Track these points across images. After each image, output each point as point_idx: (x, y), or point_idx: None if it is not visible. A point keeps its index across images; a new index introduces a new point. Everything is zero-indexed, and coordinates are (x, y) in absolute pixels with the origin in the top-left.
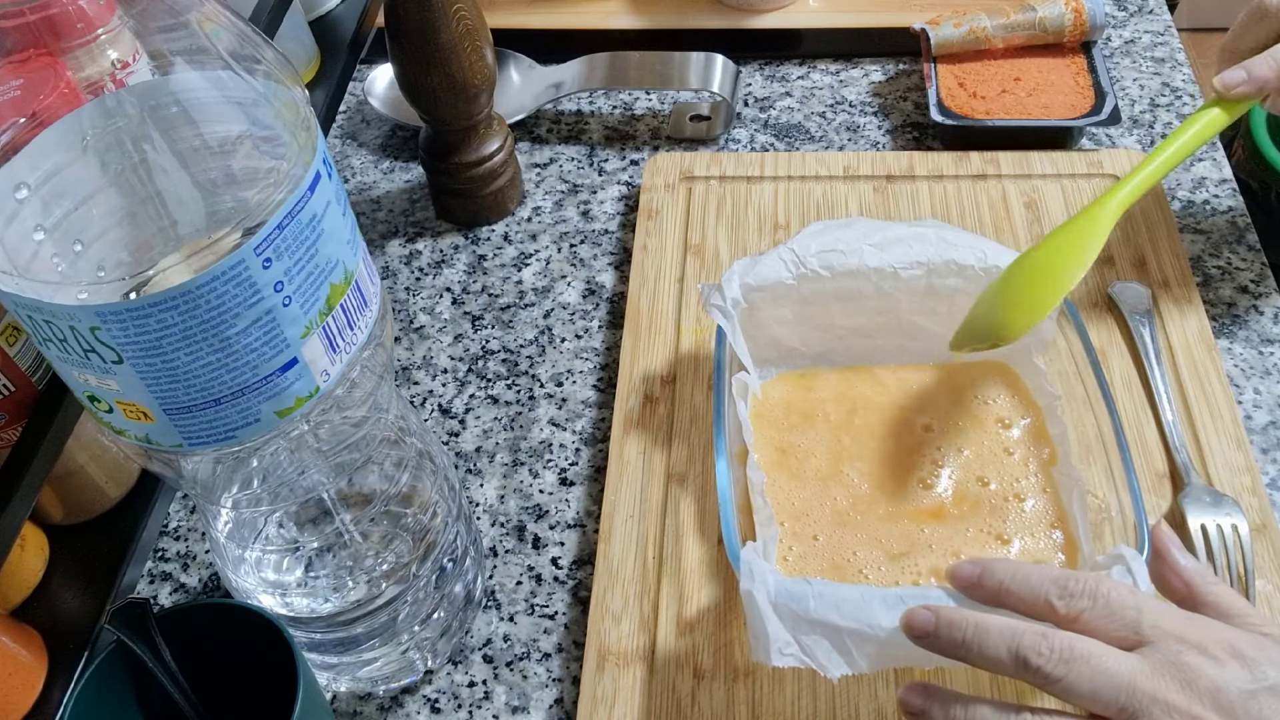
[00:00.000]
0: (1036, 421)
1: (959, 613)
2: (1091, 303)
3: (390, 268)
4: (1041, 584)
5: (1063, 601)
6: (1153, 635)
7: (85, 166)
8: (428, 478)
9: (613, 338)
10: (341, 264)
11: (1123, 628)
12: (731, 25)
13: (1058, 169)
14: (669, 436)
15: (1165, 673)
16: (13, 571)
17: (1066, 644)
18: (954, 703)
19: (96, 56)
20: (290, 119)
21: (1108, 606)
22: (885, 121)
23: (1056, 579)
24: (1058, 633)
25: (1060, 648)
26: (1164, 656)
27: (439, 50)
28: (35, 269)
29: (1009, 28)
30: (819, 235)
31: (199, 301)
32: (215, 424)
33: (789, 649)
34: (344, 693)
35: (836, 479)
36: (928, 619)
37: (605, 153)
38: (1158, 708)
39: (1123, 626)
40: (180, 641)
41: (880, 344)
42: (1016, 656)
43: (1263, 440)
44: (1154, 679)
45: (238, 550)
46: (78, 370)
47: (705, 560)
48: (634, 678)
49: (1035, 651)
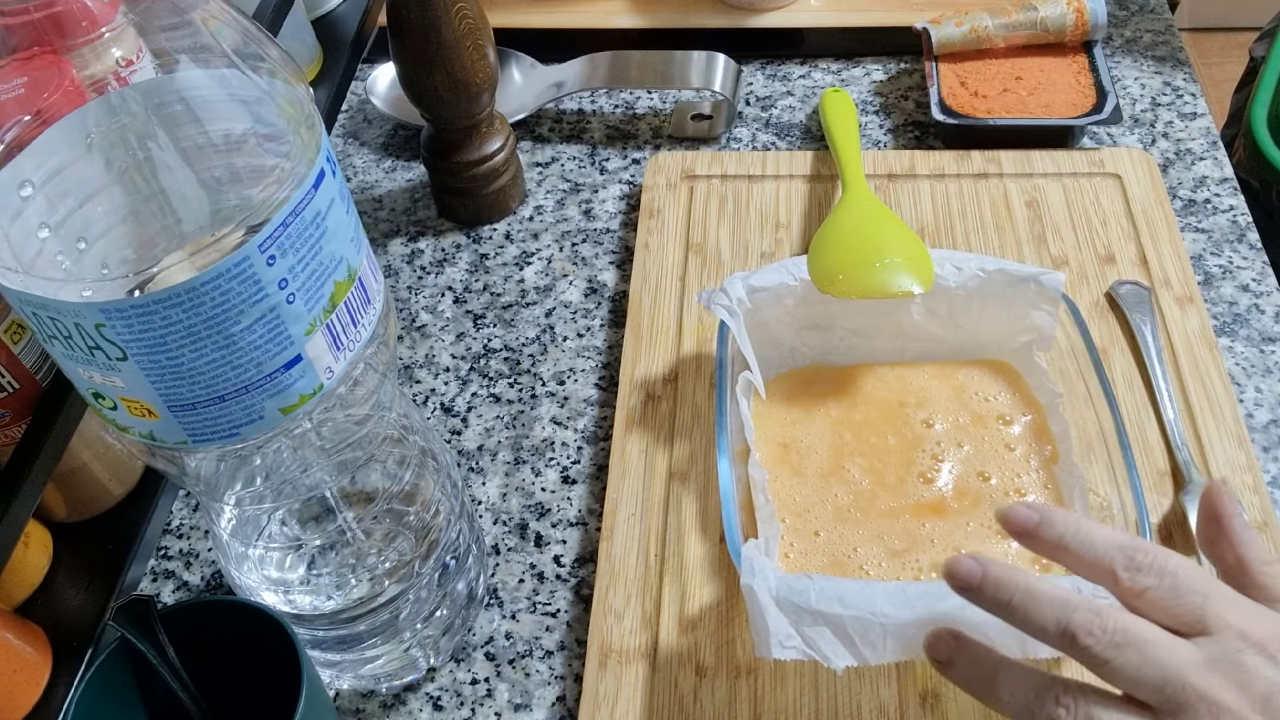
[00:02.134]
0: (1038, 419)
1: (1008, 571)
2: (1093, 301)
3: (392, 266)
4: (1107, 549)
5: (1128, 574)
6: (1215, 626)
7: (89, 164)
8: (430, 476)
9: (614, 336)
10: (345, 261)
11: (1186, 613)
12: (733, 24)
13: (1059, 168)
14: (671, 435)
15: (1221, 671)
16: (17, 569)
17: (1120, 626)
18: (983, 659)
19: (101, 54)
20: (294, 116)
21: (1174, 588)
22: (887, 120)
23: (1123, 546)
24: (1113, 612)
25: (1114, 629)
26: (1223, 652)
27: (441, 49)
28: (40, 266)
29: (1010, 27)
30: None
31: (203, 299)
32: (219, 421)
33: (790, 641)
34: (346, 690)
35: (838, 475)
36: (973, 569)
37: (607, 152)
38: (1205, 706)
39: (1186, 611)
40: (183, 639)
41: (881, 345)
42: (1065, 631)
43: (1264, 438)
44: (1208, 676)
45: (241, 548)
46: (82, 367)
47: (707, 558)
48: (636, 675)
49: (1086, 630)
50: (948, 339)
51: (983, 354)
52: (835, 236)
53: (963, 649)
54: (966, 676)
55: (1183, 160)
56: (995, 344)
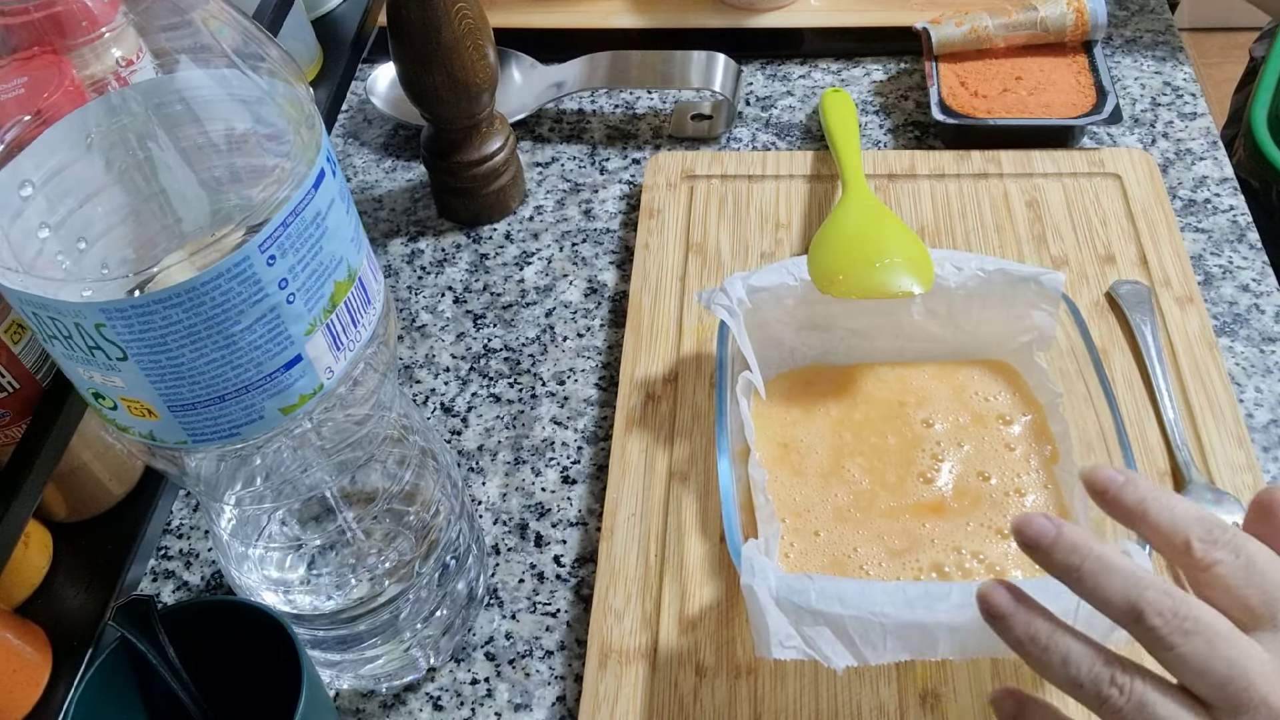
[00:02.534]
0: (1038, 419)
1: (1083, 536)
2: (1093, 301)
3: (392, 266)
4: (1186, 518)
5: (1202, 545)
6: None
7: (89, 164)
8: (430, 476)
9: (614, 336)
10: (345, 261)
11: (1255, 595)
12: (733, 24)
13: (1059, 168)
14: (671, 435)
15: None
16: (17, 569)
17: (1192, 614)
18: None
19: (101, 54)
20: (294, 116)
21: (1248, 568)
22: (887, 120)
23: (1203, 519)
24: (1185, 598)
25: (1185, 615)
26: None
27: (441, 49)
28: (40, 266)
29: (1011, 27)
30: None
31: (203, 299)
32: (219, 421)
33: (790, 641)
34: (347, 690)
35: (838, 475)
36: (1046, 527)
37: (607, 152)
38: (1266, 711)
39: (1255, 594)
40: (184, 639)
41: (881, 345)
42: (1133, 608)
43: (1264, 438)
44: (1272, 679)
45: (241, 548)
46: (82, 367)
47: (707, 558)
48: (636, 675)
49: (1156, 611)
50: (948, 339)
51: (983, 354)
52: (835, 236)
53: (1022, 605)
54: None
55: (1183, 160)
56: (995, 344)
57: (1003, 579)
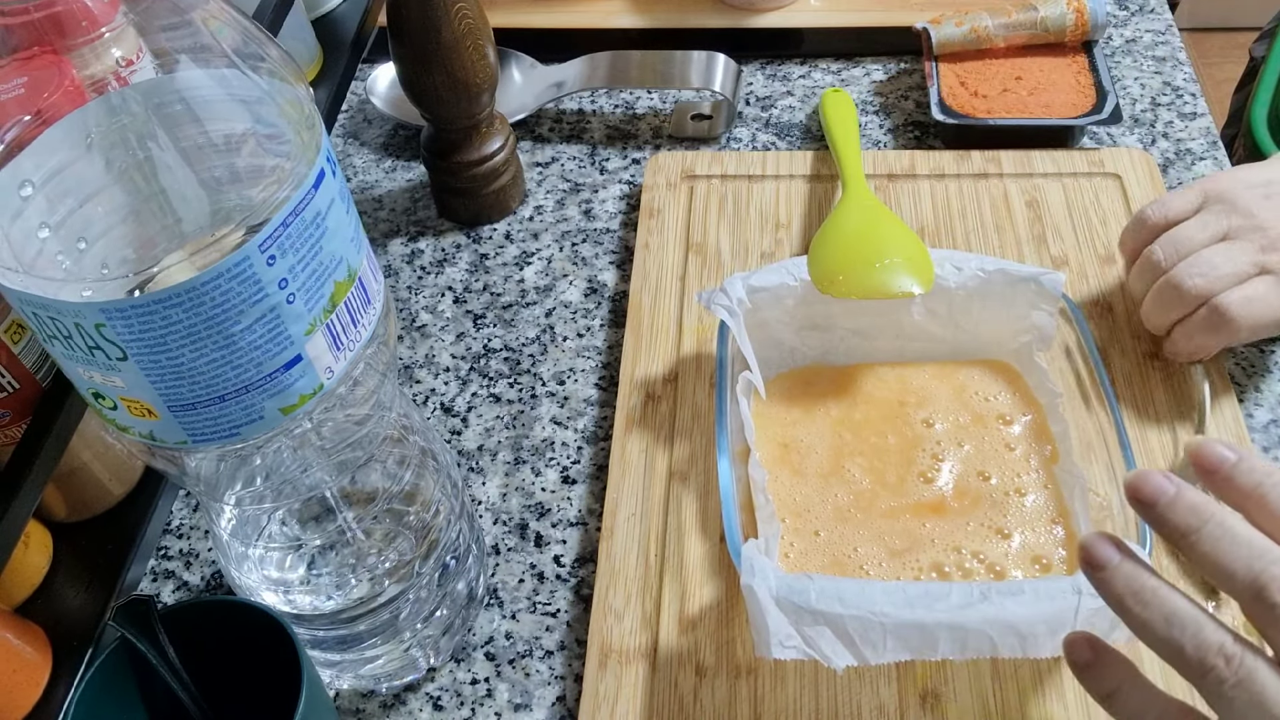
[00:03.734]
0: (1038, 419)
1: (1205, 499)
2: (1093, 301)
3: (392, 266)
4: None
5: None
6: None
7: (89, 164)
8: (430, 476)
9: (614, 336)
10: (345, 261)
11: None
12: (733, 24)
13: (1059, 168)
14: (671, 435)
15: None
16: (16, 569)
17: None
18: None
19: (101, 54)
20: (294, 116)
21: None
22: (886, 120)
23: None
24: None
25: None
26: None
27: (441, 49)
28: (40, 266)
29: (1010, 27)
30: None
31: (203, 299)
32: (219, 421)
33: (790, 641)
34: (346, 690)
35: (838, 475)
36: (1164, 485)
37: (607, 152)
38: None
39: None
40: (183, 639)
41: (881, 345)
42: (1255, 581)
43: (1264, 439)
44: None
45: (241, 548)
46: (82, 367)
47: (707, 558)
48: (636, 675)
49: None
50: (948, 339)
51: (983, 354)
52: (835, 237)
53: (1126, 558)
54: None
55: (1183, 160)
56: (995, 344)
57: (1106, 532)
